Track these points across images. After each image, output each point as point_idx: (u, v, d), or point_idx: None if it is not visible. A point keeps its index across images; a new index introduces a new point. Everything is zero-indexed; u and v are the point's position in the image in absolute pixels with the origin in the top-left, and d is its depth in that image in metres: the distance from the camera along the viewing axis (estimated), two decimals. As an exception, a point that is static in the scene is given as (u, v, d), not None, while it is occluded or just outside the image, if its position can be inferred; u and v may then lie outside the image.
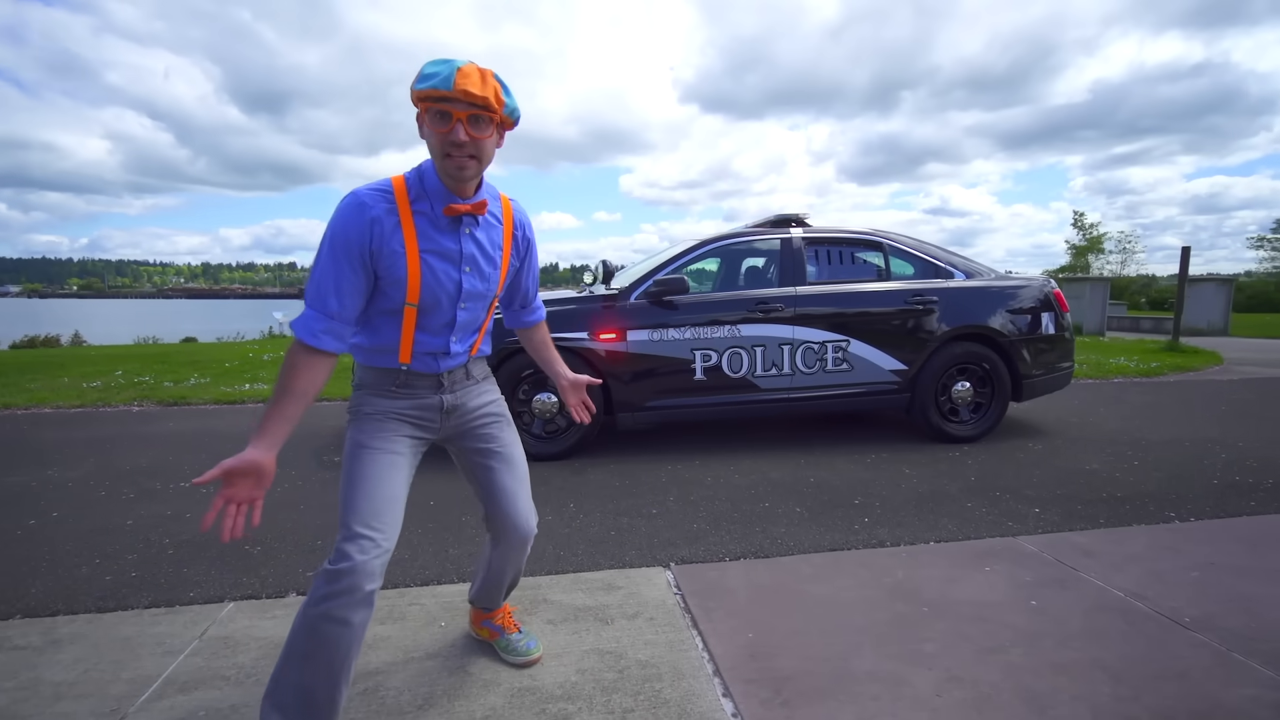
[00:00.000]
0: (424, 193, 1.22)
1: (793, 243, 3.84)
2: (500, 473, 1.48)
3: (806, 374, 3.68)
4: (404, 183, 1.23)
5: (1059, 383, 4.13)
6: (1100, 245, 31.37)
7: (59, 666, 1.60)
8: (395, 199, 1.20)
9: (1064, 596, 1.95)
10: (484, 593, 1.63)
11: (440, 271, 1.25)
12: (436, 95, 1.12)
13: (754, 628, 1.78)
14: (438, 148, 1.16)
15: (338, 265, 1.16)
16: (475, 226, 1.28)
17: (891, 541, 2.39)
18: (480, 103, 1.13)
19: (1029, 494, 2.92)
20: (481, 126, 1.16)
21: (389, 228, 1.18)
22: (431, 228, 1.22)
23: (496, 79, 1.16)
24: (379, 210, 1.18)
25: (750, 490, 2.98)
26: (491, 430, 1.47)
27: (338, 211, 1.17)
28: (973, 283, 3.96)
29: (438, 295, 1.26)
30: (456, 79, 1.10)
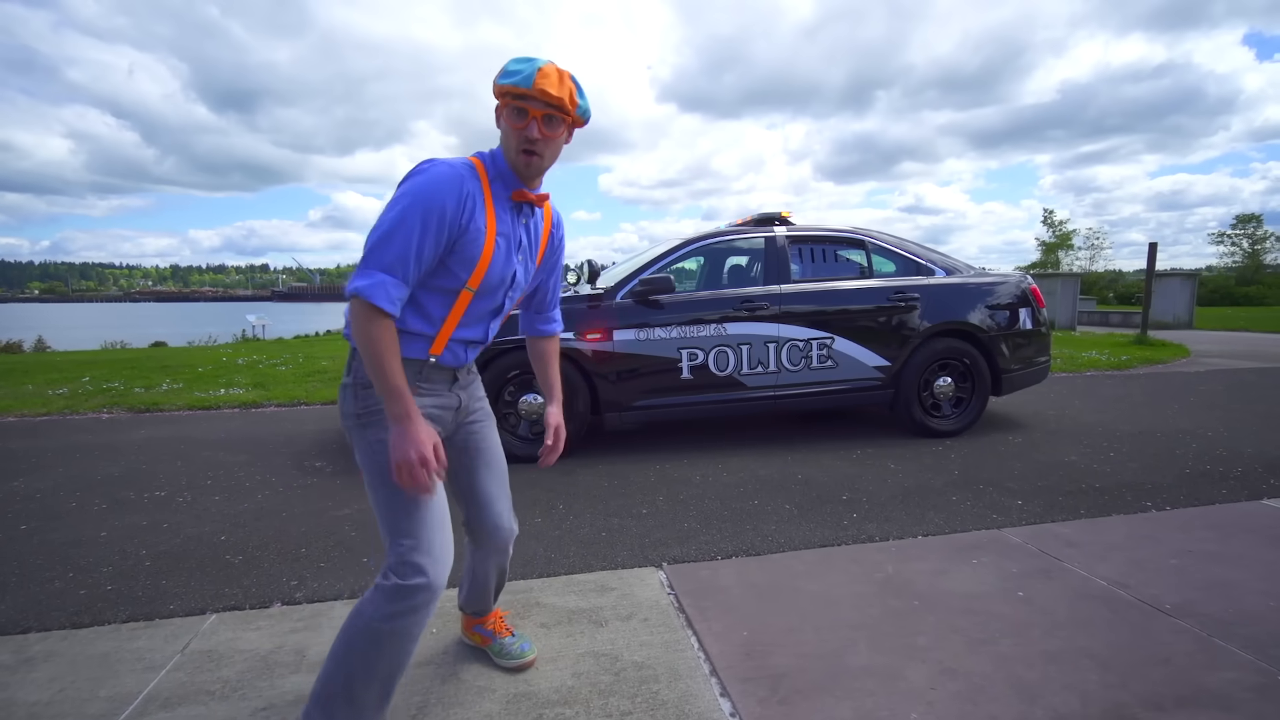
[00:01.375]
0: (498, 174, 1.25)
1: (776, 241, 3.86)
2: (484, 477, 1.46)
3: (792, 371, 3.70)
4: (482, 163, 1.25)
5: (1037, 377, 4.21)
6: (1070, 242, 32.15)
7: (32, 686, 1.54)
8: (480, 177, 1.21)
9: (1050, 587, 1.98)
10: (472, 598, 1.62)
11: (504, 256, 1.26)
12: (516, 92, 1.16)
13: (748, 626, 1.78)
14: (514, 142, 1.20)
15: (425, 233, 1.12)
16: (531, 216, 1.33)
17: (880, 536, 2.41)
18: (555, 103, 1.17)
19: (1011, 486, 2.97)
20: (554, 125, 1.20)
21: (479, 204, 1.19)
22: (504, 210, 1.25)
23: (573, 81, 1.21)
24: (473, 186, 1.18)
25: (739, 488, 2.98)
26: (481, 429, 1.45)
27: (433, 178, 1.14)
28: (953, 279, 4.02)
29: (496, 280, 1.26)
30: (536, 78, 1.14)
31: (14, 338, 13.94)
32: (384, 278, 1.10)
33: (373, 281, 1.09)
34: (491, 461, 1.48)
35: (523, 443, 3.44)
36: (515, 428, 3.45)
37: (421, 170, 1.17)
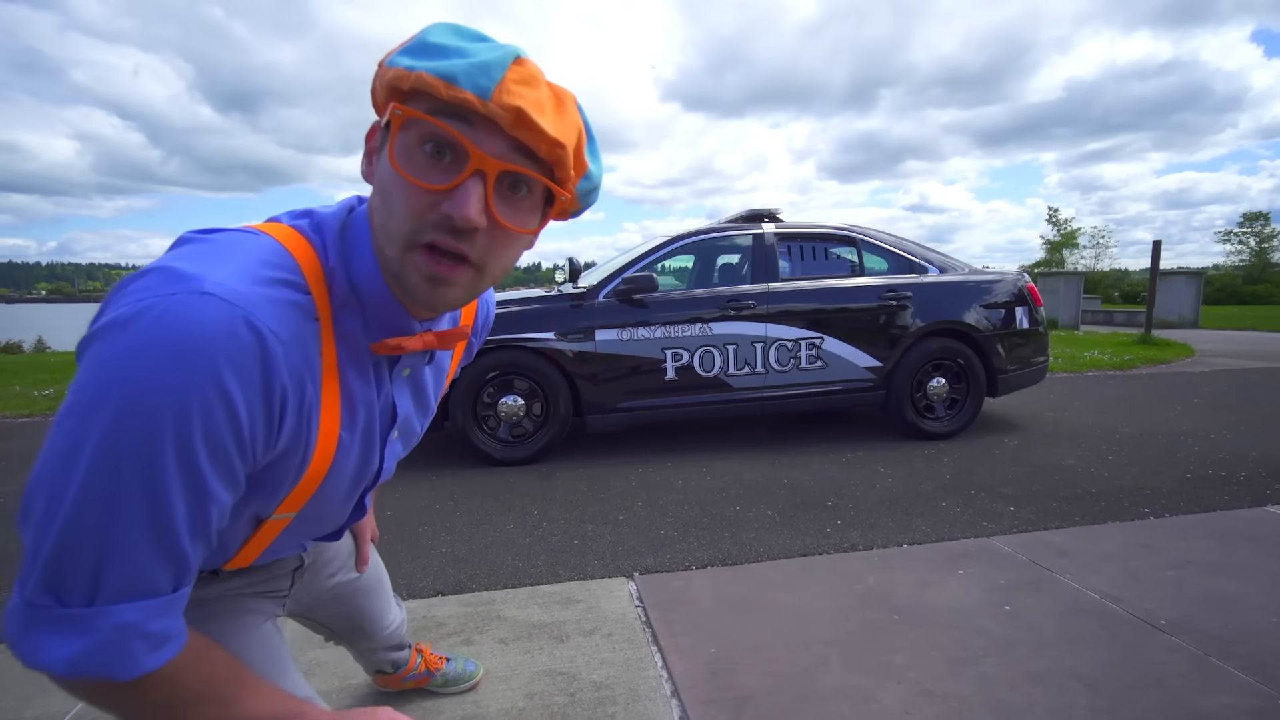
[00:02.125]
0: (352, 295, 0.59)
1: (765, 239, 3.76)
2: (365, 608, 1.14)
3: (780, 372, 3.60)
4: (319, 267, 0.57)
5: (1034, 377, 4.10)
6: (1074, 240, 31.92)
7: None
8: (313, 306, 0.56)
9: (1039, 600, 1.88)
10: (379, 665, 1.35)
11: (351, 456, 0.65)
12: (448, 99, 0.50)
13: (717, 642, 1.68)
14: (405, 223, 0.52)
15: (190, 496, 0.49)
16: (424, 363, 0.71)
17: (864, 545, 2.31)
18: (544, 152, 0.53)
19: (1004, 491, 2.86)
20: (520, 203, 0.55)
21: (310, 386, 0.56)
22: (353, 369, 0.61)
23: (580, 113, 0.58)
24: (298, 350, 0.54)
25: (721, 493, 2.89)
26: (347, 580, 1.08)
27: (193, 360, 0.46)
28: (947, 278, 3.92)
29: (336, 496, 0.68)
30: (506, 82, 0.50)
31: (15, 338, 13.94)
32: (123, 614, 0.49)
33: (96, 641, 0.48)
34: (370, 585, 1.14)
35: (502, 445, 3.35)
36: (495, 430, 3.36)
37: (156, 326, 0.46)
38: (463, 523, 2.57)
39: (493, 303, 0.89)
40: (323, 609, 1.06)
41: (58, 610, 0.48)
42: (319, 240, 0.59)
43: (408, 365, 0.68)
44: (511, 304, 3.43)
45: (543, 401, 3.38)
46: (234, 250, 0.53)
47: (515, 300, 3.49)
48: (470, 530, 2.48)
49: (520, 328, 3.31)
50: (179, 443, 0.46)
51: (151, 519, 0.48)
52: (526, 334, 3.30)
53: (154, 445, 0.46)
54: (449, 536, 2.42)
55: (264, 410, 0.51)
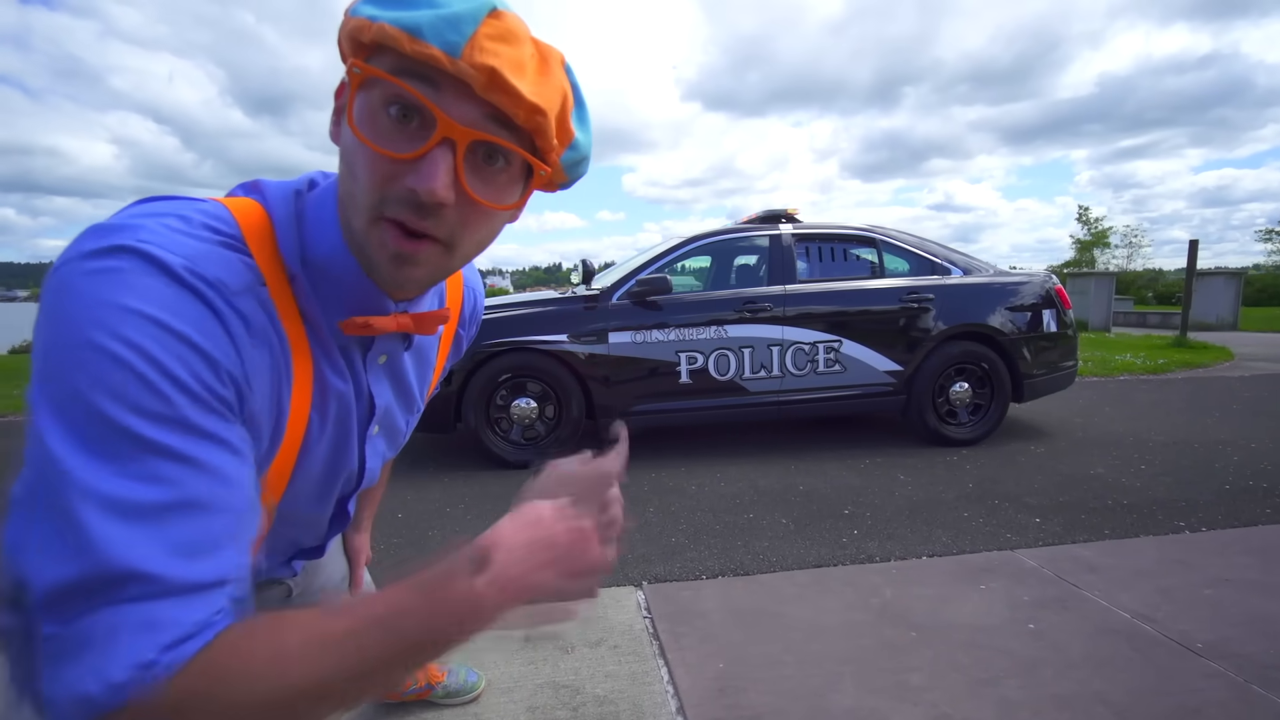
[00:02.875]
0: (313, 268, 0.54)
1: (781, 240, 3.69)
2: None
3: (797, 376, 3.53)
4: (268, 231, 0.52)
5: (1062, 382, 3.96)
6: (1106, 239, 31.04)
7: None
8: (260, 277, 0.50)
9: (1065, 619, 1.80)
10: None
11: (330, 441, 0.60)
12: (412, 54, 0.44)
13: (726, 656, 1.64)
14: (368, 194, 0.47)
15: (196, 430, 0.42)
16: (400, 349, 0.64)
17: (881, 556, 2.24)
18: (522, 118, 0.47)
19: (1030, 502, 2.76)
20: (496, 176, 0.49)
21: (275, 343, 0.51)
22: (318, 345, 0.56)
23: (568, 74, 0.51)
24: (250, 303, 0.48)
25: (735, 499, 2.83)
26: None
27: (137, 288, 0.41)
28: (970, 279, 3.80)
29: (316, 486, 0.63)
30: (479, 39, 0.44)
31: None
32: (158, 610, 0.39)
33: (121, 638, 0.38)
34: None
35: (515, 448, 3.33)
36: (508, 433, 3.35)
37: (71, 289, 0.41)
38: (472, 527, 2.54)
39: (481, 293, 0.82)
40: None
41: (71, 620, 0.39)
42: (277, 200, 0.54)
43: (383, 351, 0.62)
44: (524, 306, 3.41)
45: (555, 404, 3.36)
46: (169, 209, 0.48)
47: (528, 302, 3.47)
48: (479, 535, 2.46)
49: (533, 330, 3.29)
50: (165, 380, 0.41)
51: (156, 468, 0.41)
52: (539, 336, 3.28)
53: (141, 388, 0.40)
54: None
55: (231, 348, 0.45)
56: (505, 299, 3.73)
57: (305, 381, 0.54)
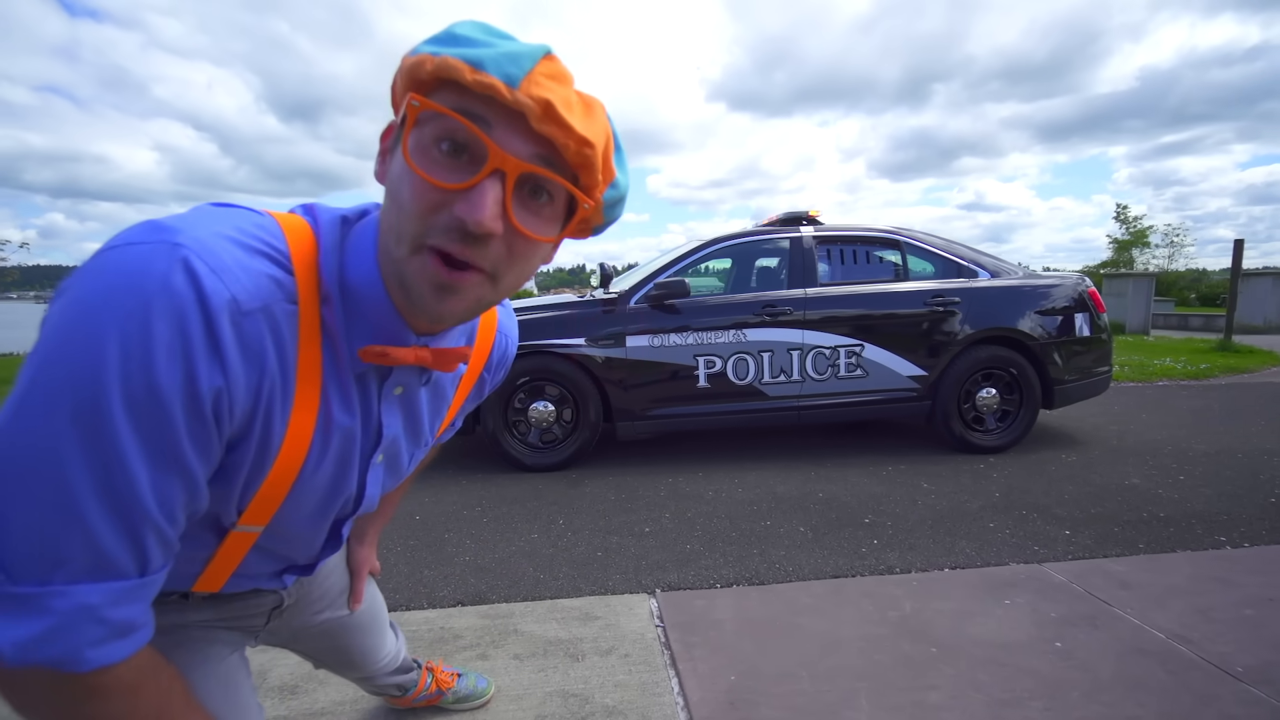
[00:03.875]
0: (336, 292, 0.55)
1: (803, 242, 3.64)
2: (357, 643, 1.08)
3: (817, 381, 3.47)
4: (312, 250, 0.54)
5: (1095, 388, 3.83)
6: (1145, 239, 30.00)
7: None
8: (296, 288, 0.52)
9: (1095, 637, 1.73)
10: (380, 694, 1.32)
11: (329, 470, 0.61)
12: (473, 84, 0.46)
13: (738, 668, 1.61)
14: (414, 219, 0.48)
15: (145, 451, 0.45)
16: (417, 383, 0.65)
17: (902, 568, 2.18)
18: (571, 152, 0.49)
19: (1059, 513, 2.67)
20: (541, 209, 0.51)
21: (275, 365, 0.52)
22: (333, 371, 0.57)
23: (609, 122, 0.54)
24: (260, 320, 0.49)
25: (752, 506, 2.79)
26: (337, 615, 1.00)
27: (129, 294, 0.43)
28: (999, 282, 3.70)
29: (308, 514, 0.63)
30: (535, 75, 0.47)
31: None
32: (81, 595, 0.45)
33: (51, 624, 0.44)
34: (363, 622, 1.07)
35: (532, 451, 3.34)
36: (525, 436, 3.36)
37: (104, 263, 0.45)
38: (488, 530, 2.56)
39: (514, 340, 0.82)
40: (303, 642, 1.00)
41: (7, 588, 0.43)
42: (316, 229, 0.56)
43: (400, 383, 0.62)
44: (542, 309, 3.42)
45: (573, 408, 3.36)
46: (227, 215, 0.51)
47: (546, 306, 3.48)
48: (495, 538, 2.47)
49: (551, 334, 3.30)
50: (127, 391, 0.43)
51: (107, 483, 0.44)
52: (557, 340, 3.28)
53: (101, 393, 0.42)
54: (473, 544, 2.42)
55: (217, 369, 0.47)
56: (523, 303, 3.74)
57: (309, 408, 0.55)
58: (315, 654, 1.06)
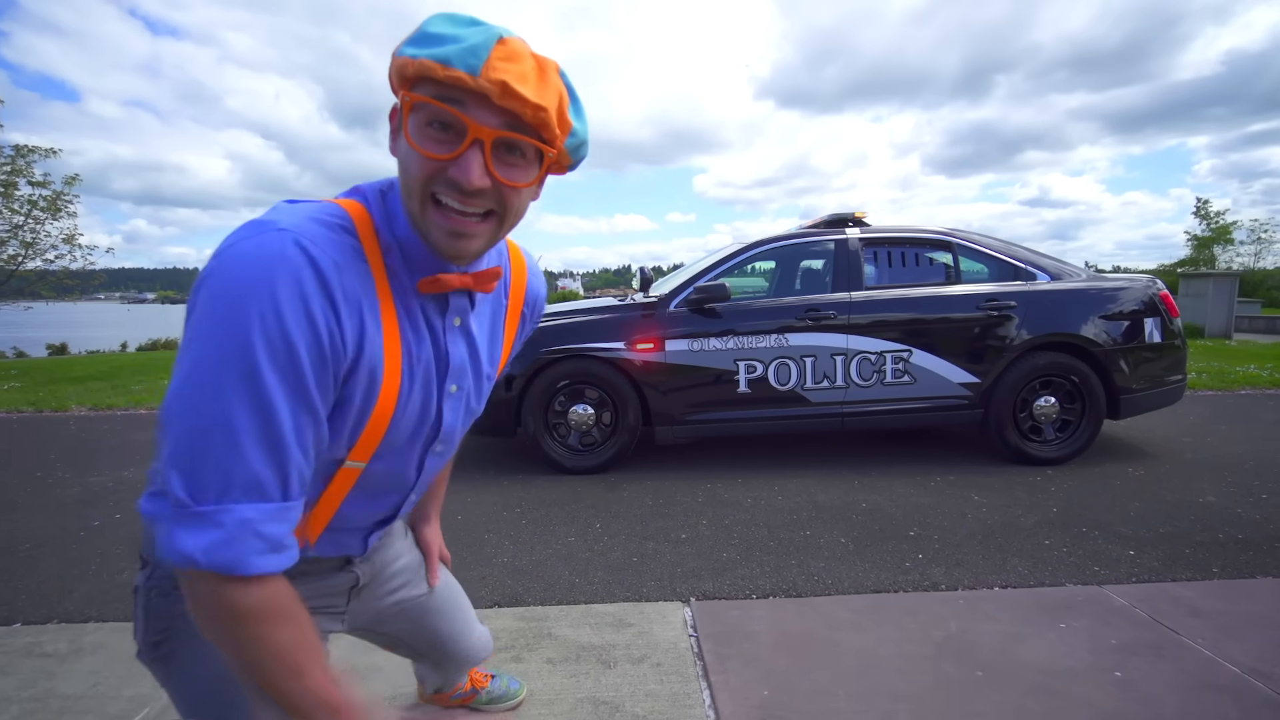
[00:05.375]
0: (394, 243, 0.69)
1: (848, 244, 3.55)
2: (440, 626, 1.14)
3: (862, 387, 3.38)
4: (368, 218, 0.68)
5: (1167, 398, 3.59)
6: (1229, 235, 27.93)
7: (74, 677, 1.64)
8: (362, 250, 0.65)
9: (1159, 668, 1.62)
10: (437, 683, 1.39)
11: (418, 397, 0.73)
12: (445, 79, 0.57)
13: (771, 683, 1.58)
14: (419, 184, 0.62)
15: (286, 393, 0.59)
16: (469, 310, 0.76)
17: (948, 584, 2.10)
18: (529, 116, 0.60)
19: (1123, 531, 2.51)
20: (517, 163, 0.63)
21: (363, 307, 0.64)
22: (405, 310, 0.70)
23: (563, 79, 0.64)
24: (344, 271, 0.63)
25: (792, 515, 2.74)
26: (413, 595, 1.08)
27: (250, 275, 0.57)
28: (1060, 285, 3.51)
29: (404, 439, 0.74)
30: (492, 60, 0.57)
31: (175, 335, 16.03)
32: (242, 512, 0.58)
33: (222, 534, 0.57)
34: (442, 606, 1.14)
35: (572, 454, 3.37)
36: (565, 438, 3.39)
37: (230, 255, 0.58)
38: (526, 532, 2.60)
39: (542, 280, 0.94)
40: (386, 624, 1.06)
41: (192, 507, 0.57)
42: (369, 195, 0.71)
43: (456, 313, 0.75)
44: (582, 313, 3.45)
45: (612, 411, 3.37)
46: (302, 206, 0.66)
47: (587, 309, 3.51)
48: (533, 540, 2.51)
49: (591, 337, 3.32)
50: (269, 346, 0.57)
51: (263, 420, 0.58)
52: (597, 343, 3.30)
53: (249, 352, 0.56)
54: (512, 546, 2.46)
55: (331, 312, 0.61)
56: (563, 306, 3.79)
57: (395, 343, 0.69)
58: (399, 636, 1.11)
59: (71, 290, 18.29)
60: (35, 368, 8.96)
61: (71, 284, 18.09)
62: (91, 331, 21.13)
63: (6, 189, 15.22)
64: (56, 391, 6.29)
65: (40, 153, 15.33)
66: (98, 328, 29.41)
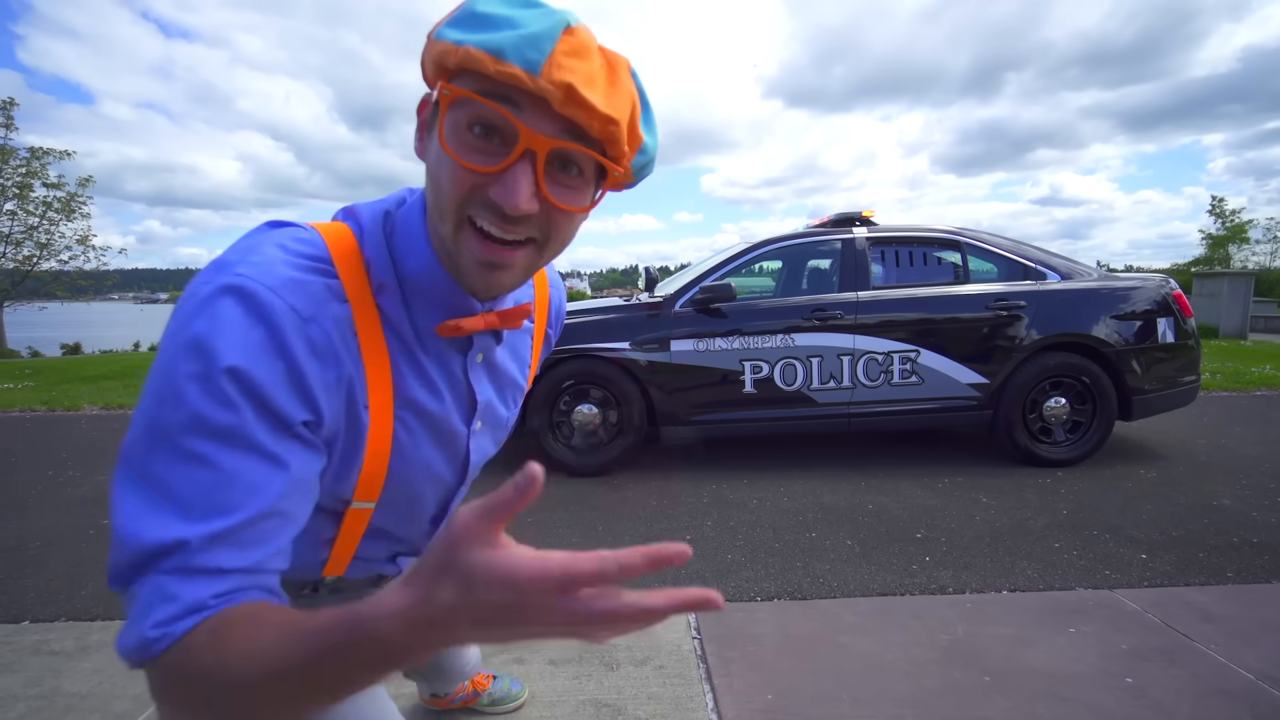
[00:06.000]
0: (396, 280, 0.59)
1: (855, 244, 3.52)
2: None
3: (869, 387, 3.35)
4: (354, 250, 0.58)
5: (1180, 399, 3.53)
6: (1244, 234, 27.57)
7: (79, 676, 1.65)
8: (345, 288, 0.56)
9: (1171, 674, 1.59)
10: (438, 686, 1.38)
11: (424, 442, 0.65)
12: (496, 75, 0.47)
13: (775, 686, 1.56)
14: (453, 203, 0.51)
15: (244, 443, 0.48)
16: (494, 345, 0.69)
17: (955, 587, 2.07)
18: (596, 129, 0.49)
19: (1135, 534, 2.47)
20: (573, 182, 0.53)
21: (345, 360, 0.56)
22: (404, 354, 0.61)
23: (635, 81, 0.53)
24: (323, 327, 0.54)
25: (798, 516, 2.72)
26: None
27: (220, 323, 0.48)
28: (1070, 284, 3.47)
29: (414, 486, 0.68)
30: (556, 56, 0.47)
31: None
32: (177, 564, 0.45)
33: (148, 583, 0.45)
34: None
35: (576, 454, 3.37)
36: (570, 438, 3.39)
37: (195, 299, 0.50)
38: (530, 533, 2.59)
39: (564, 293, 0.88)
40: None
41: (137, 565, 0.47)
42: (358, 230, 0.60)
43: (480, 350, 0.67)
44: (587, 313, 3.44)
45: (617, 411, 3.37)
46: (273, 239, 0.56)
47: (591, 310, 3.50)
48: (536, 541, 2.43)
49: (596, 337, 3.31)
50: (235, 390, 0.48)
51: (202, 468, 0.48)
52: (602, 344, 3.29)
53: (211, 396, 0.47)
54: (516, 546, 2.45)
55: (285, 368, 0.51)
56: (570, 306, 3.78)
57: (384, 392, 0.59)
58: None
59: (85, 290, 18.51)
60: (49, 367, 9.07)
61: (85, 284, 18.31)
62: (105, 331, 21.40)
63: (22, 191, 15.45)
64: (69, 391, 6.36)
65: (55, 155, 15.55)
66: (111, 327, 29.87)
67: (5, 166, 15.12)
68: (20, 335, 17.83)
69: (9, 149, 15.06)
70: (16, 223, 15.70)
